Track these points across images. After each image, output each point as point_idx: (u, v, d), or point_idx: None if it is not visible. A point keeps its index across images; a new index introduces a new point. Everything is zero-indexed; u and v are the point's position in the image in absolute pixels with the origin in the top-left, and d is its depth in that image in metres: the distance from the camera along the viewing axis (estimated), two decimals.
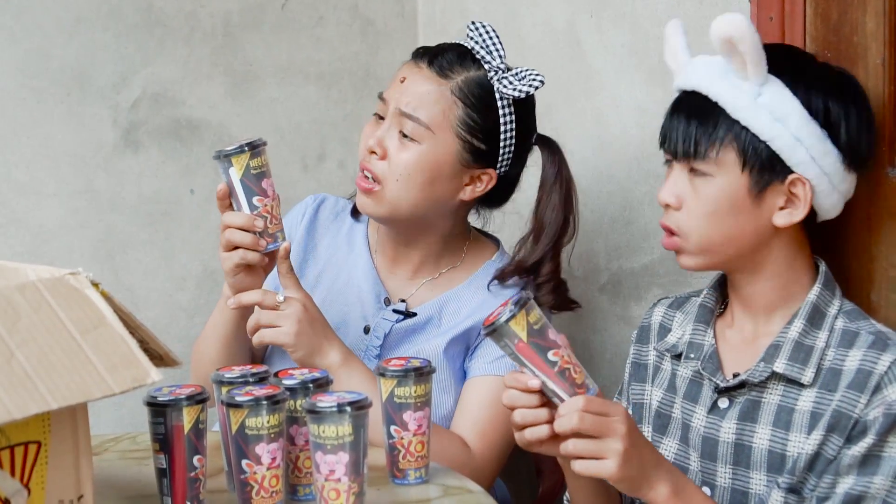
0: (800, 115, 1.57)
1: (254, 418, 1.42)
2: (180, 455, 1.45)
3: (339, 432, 1.40)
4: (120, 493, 1.56)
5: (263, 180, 1.77)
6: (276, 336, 1.78)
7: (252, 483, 1.44)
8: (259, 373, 1.57)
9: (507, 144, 1.91)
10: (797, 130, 1.57)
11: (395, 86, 1.91)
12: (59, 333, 1.15)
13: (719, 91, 1.59)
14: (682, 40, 1.72)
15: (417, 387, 1.60)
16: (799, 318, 1.61)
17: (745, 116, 1.57)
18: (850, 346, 1.57)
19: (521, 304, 1.44)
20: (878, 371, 1.53)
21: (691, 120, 1.61)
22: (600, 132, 2.27)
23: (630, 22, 2.18)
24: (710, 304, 1.72)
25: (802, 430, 1.57)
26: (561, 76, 2.34)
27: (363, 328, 1.97)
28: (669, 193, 1.64)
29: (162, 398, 1.45)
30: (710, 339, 1.69)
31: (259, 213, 1.77)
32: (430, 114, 1.86)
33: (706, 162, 1.59)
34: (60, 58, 2.37)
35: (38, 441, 1.19)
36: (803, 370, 1.58)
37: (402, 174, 1.86)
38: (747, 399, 1.63)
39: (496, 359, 1.90)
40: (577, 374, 1.47)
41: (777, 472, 1.58)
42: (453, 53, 1.91)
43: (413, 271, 1.99)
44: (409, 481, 1.61)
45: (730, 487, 1.64)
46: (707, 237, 1.61)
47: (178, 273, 2.51)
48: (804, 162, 1.58)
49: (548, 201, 1.93)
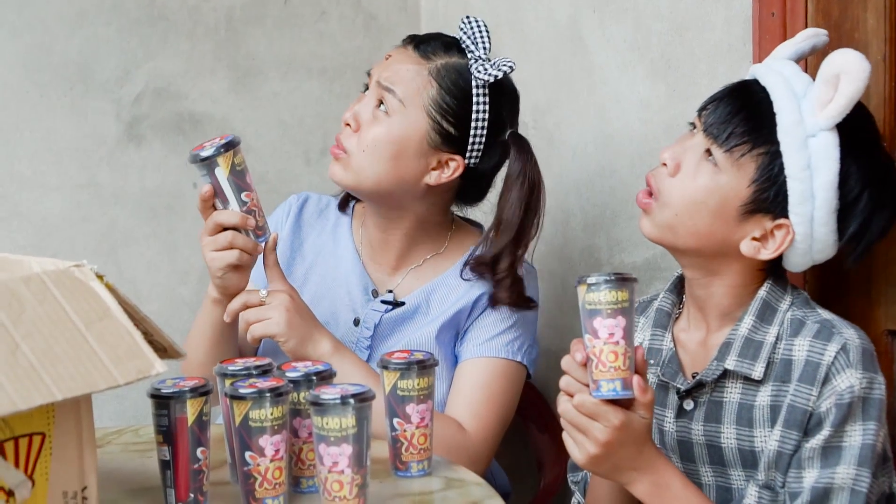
0: (830, 180, 1.54)
1: (257, 410, 1.43)
2: (184, 447, 1.45)
3: (342, 424, 1.41)
4: (123, 485, 1.56)
5: (247, 175, 1.79)
6: (267, 328, 1.79)
7: (255, 475, 1.44)
8: (262, 365, 1.57)
9: (478, 133, 1.91)
10: (818, 190, 1.54)
11: (381, 62, 1.95)
12: (63, 325, 1.15)
13: (784, 107, 1.56)
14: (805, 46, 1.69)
15: (420, 379, 1.60)
16: (749, 315, 1.61)
17: (788, 144, 1.54)
18: (797, 335, 1.58)
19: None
20: (825, 362, 1.53)
21: (741, 110, 1.58)
22: (602, 127, 2.28)
23: (632, 17, 2.18)
24: (667, 308, 1.72)
25: (765, 424, 1.58)
26: (563, 71, 2.34)
27: (353, 320, 1.98)
28: (672, 156, 1.61)
29: (165, 390, 1.45)
30: (669, 343, 1.69)
31: (248, 207, 1.79)
32: (405, 89, 1.89)
33: (726, 155, 1.57)
34: (63, 52, 2.37)
35: (43, 432, 1.20)
36: (753, 365, 1.58)
37: (369, 145, 1.89)
38: (710, 400, 1.63)
39: (486, 340, 1.93)
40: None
41: (752, 467, 1.59)
42: (440, 41, 1.94)
43: (396, 259, 2.01)
44: (412, 474, 1.62)
45: (714, 485, 1.65)
46: (678, 219, 1.60)
47: (181, 267, 2.51)
48: (803, 217, 1.56)
49: (508, 197, 1.93)
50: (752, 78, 1.64)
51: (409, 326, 1.97)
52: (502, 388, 1.93)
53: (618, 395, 1.47)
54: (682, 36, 2.08)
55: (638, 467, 1.52)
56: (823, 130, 1.54)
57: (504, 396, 1.93)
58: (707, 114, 1.61)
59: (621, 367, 1.46)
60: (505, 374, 1.93)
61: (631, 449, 1.50)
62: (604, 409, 1.48)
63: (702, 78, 2.05)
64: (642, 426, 1.50)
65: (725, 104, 1.60)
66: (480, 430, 1.89)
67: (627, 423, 1.48)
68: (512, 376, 1.95)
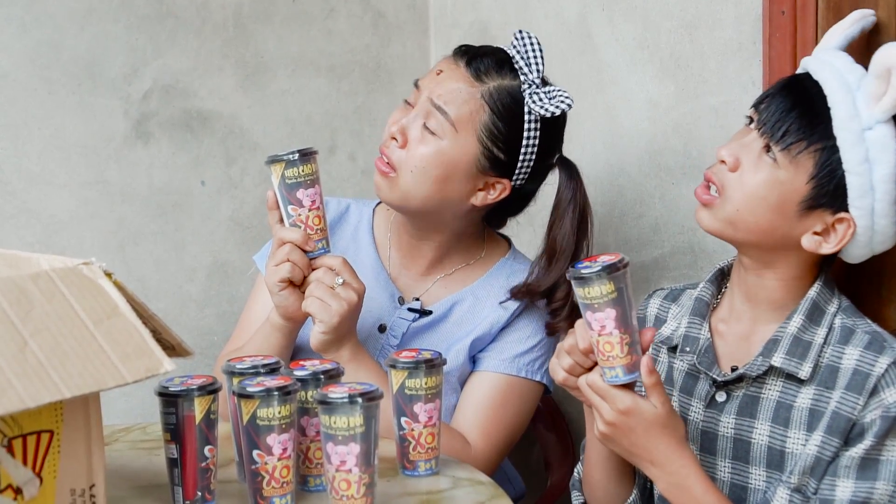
0: (889, 173, 1.54)
1: (265, 409, 1.43)
2: (191, 445, 1.45)
3: (350, 423, 1.40)
4: (131, 483, 1.56)
5: (298, 190, 1.78)
6: (321, 311, 1.78)
7: (263, 473, 1.44)
8: (270, 363, 1.57)
9: (527, 159, 1.89)
10: (878, 182, 1.54)
11: (431, 76, 1.91)
12: (72, 323, 1.15)
13: (839, 101, 1.55)
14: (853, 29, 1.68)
15: (428, 379, 1.60)
16: (798, 314, 1.60)
17: (845, 139, 1.54)
18: (847, 343, 1.57)
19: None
20: (875, 373, 1.53)
21: (796, 107, 1.57)
22: (611, 126, 2.27)
23: (641, 15, 2.18)
24: (707, 298, 1.72)
25: (801, 427, 1.57)
26: (572, 70, 2.34)
27: (378, 327, 1.97)
28: (731, 153, 1.60)
29: (174, 388, 1.45)
30: (706, 333, 1.68)
31: (293, 221, 1.80)
32: (458, 112, 1.86)
33: (784, 153, 1.55)
34: (72, 48, 2.37)
35: (51, 430, 1.20)
36: (801, 365, 1.58)
37: (418, 166, 1.86)
38: (745, 394, 1.63)
39: (510, 357, 1.91)
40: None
41: (776, 468, 1.59)
42: (492, 59, 1.90)
43: (426, 268, 1.99)
44: (420, 473, 1.61)
45: (729, 481, 1.64)
46: (739, 215, 1.59)
47: (189, 264, 2.51)
48: (864, 210, 1.55)
49: (560, 225, 1.91)
50: (804, 72, 1.63)
51: (434, 335, 1.96)
52: (516, 408, 1.92)
53: (621, 380, 1.51)
54: (691, 34, 2.08)
55: (655, 461, 1.53)
56: (880, 123, 1.53)
57: (517, 417, 1.93)
58: (762, 109, 1.59)
59: (620, 355, 1.49)
60: (521, 394, 1.92)
61: (641, 436, 1.52)
62: (611, 392, 1.52)
63: (711, 76, 2.04)
64: (654, 415, 1.51)
65: (779, 100, 1.58)
66: (487, 448, 1.88)
67: (634, 410, 1.51)
68: (528, 395, 1.94)
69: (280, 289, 1.80)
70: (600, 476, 1.71)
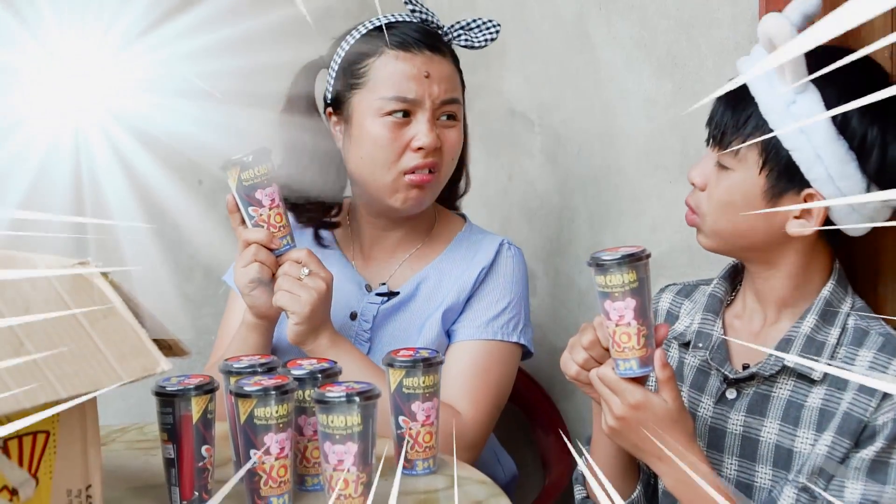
0: (826, 133, 1.52)
1: (262, 408, 1.43)
2: (188, 445, 1.45)
3: (347, 422, 1.40)
4: (128, 483, 1.56)
5: (256, 191, 1.80)
6: (291, 303, 1.80)
7: (260, 473, 1.44)
8: (267, 363, 1.57)
9: None
10: (819, 147, 1.52)
11: (420, 82, 1.92)
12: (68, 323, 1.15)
13: (758, 89, 1.56)
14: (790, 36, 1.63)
15: (426, 377, 1.60)
16: (812, 314, 1.60)
17: (774, 120, 1.54)
18: (860, 345, 1.57)
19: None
20: (889, 377, 1.52)
21: (727, 109, 1.59)
22: (608, 124, 2.27)
23: (639, 14, 2.18)
24: (720, 295, 1.73)
25: (811, 426, 1.57)
26: (569, 68, 2.34)
27: (349, 315, 1.99)
28: (698, 173, 1.64)
29: (170, 388, 1.45)
30: (719, 330, 1.69)
31: (255, 222, 1.81)
32: (458, 89, 1.98)
33: (730, 155, 1.58)
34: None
35: (47, 431, 1.19)
36: (814, 365, 1.58)
37: (453, 153, 1.96)
38: (756, 392, 1.63)
39: (483, 323, 1.95)
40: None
41: (783, 467, 1.59)
42: (422, 31, 1.98)
43: (389, 254, 2.04)
44: (418, 472, 1.61)
45: (735, 479, 1.64)
46: (718, 225, 1.62)
47: (186, 264, 2.51)
48: (821, 179, 1.54)
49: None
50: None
51: (404, 315, 1.99)
52: (499, 372, 1.94)
53: (635, 373, 1.50)
54: (688, 33, 2.08)
55: (663, 457, 1.52)
56: (799, 94, 1.53)
57: (501, 379, 1.95)
58: (708, 125, 1.63)
59: (636, 347, 1.48)
60: (501, 357, 1.95)
61: (651, 431, 1.51)
62: (623, 385, 1.52)
63: (708, 75, 2.04)
64: (664, 411, 1.50)
65: (717, 107, 1.62)
66: (477, 415, 1.90)
67: (645, 404, 1.50)
68: (508, 358, 1.96)
69: (251, 289, 1.83)
70: (605, 472, 1.71)
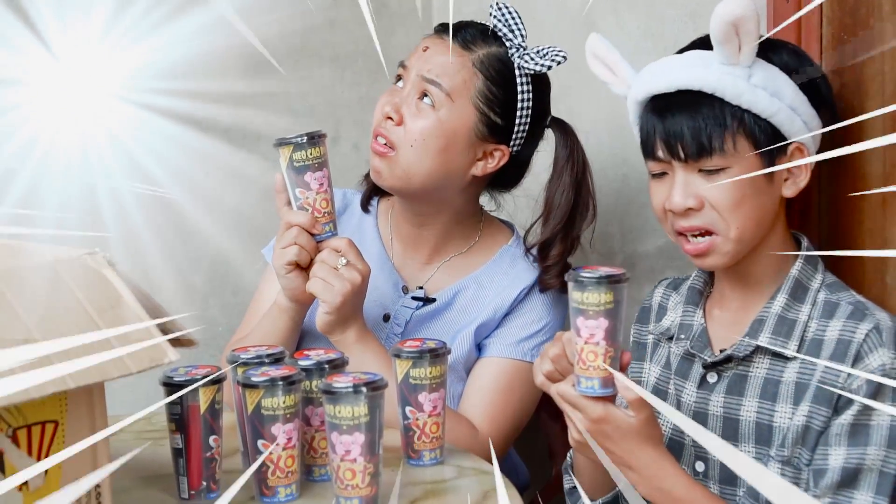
0: (790, 86, 1.59)
1: (270, 399, 1.43)
2: (196, 435, 1.45)
3: (354, 413, 1.40)
4: (136, 473, 1.56)
5: (306, 173, 1.78)
6: (325, 292, 1.79)
7: (268, 463, 1.44)
8: (275, 353, 1.57)
9: (523, 121, 1.91)
10: (792, 101, 1.59)
11: (418, 54, 1.92)
12: (76, 313, 1.15)
13: (716, 82, 1.58)
14: (615, 52, 1.74)
15: (433, 368, 1.60)
16: (781, 293, 1.62)
17: (748, 99, 1.57)
18: (831, 317, 1.59)
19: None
20: (856, 340, 1.54)
21: (696, 117, 1.59)
22: (615, 115, 2.26)
23: (645, 3, 2.17)
24: (699, 286, 1.75)
25: (788, 400, 1.58)
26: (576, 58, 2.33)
27: (382, 316, 1.97)
28: (687, 196, 1.61)
29: (178, 378, 1.46)
30: (700, 319, 1.71)
31: (300, 205, 1.80)
32: (451, 82, 1.88)
33: (720, 156, 1.58)
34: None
35: (55, 420, 1.19)
36: (787, 343, 1.59)
37: (417, 140, 1.87)
38: (734, 373, 1.64)
39: (516, 342, 1.91)
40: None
41: (765, 443, 1.60)
42: (475, 29, 1.92)
43: (428, 255, 1.99)
44: (424, 462, 1.62)
45: (718, 461, 1.65)
46: (743, 226, 1.60)
47: (193, 254, 2.51)
48: (800, 129, 1.59)
49: (558, 182, 1.93)
50: (648, 98, 1.68)
51: (438, 323, 1.96)
52: (522, 393, 1.92)
53: (595, 392, 1.47)
54: (695, 22, 2.07)
55: (633, 467, 1.51)
56: (753, 67, 1.58)
57: (524, 401, 1.93)
58: (672, 147, 1.62)
59: (600, 367, 1.45)
60: (527, 379, 1.91)
61: (618, 443, 1.50)
62: (583, 402, 1.49)
63: None
64: (628, 424, 1.48)
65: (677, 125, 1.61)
66: (493, 433, 1.88)
67: (607, 418, 1.48)
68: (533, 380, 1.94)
69: (287, 271, 1.81)
70: (586, 464, 1.72)
